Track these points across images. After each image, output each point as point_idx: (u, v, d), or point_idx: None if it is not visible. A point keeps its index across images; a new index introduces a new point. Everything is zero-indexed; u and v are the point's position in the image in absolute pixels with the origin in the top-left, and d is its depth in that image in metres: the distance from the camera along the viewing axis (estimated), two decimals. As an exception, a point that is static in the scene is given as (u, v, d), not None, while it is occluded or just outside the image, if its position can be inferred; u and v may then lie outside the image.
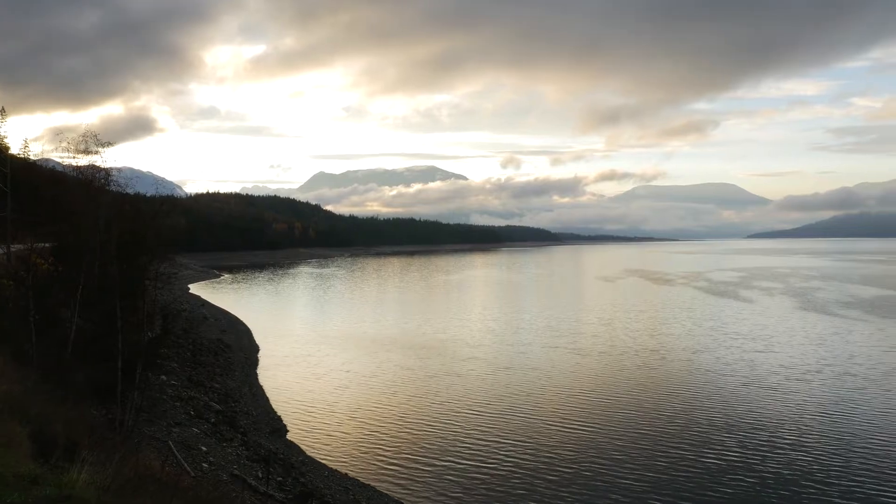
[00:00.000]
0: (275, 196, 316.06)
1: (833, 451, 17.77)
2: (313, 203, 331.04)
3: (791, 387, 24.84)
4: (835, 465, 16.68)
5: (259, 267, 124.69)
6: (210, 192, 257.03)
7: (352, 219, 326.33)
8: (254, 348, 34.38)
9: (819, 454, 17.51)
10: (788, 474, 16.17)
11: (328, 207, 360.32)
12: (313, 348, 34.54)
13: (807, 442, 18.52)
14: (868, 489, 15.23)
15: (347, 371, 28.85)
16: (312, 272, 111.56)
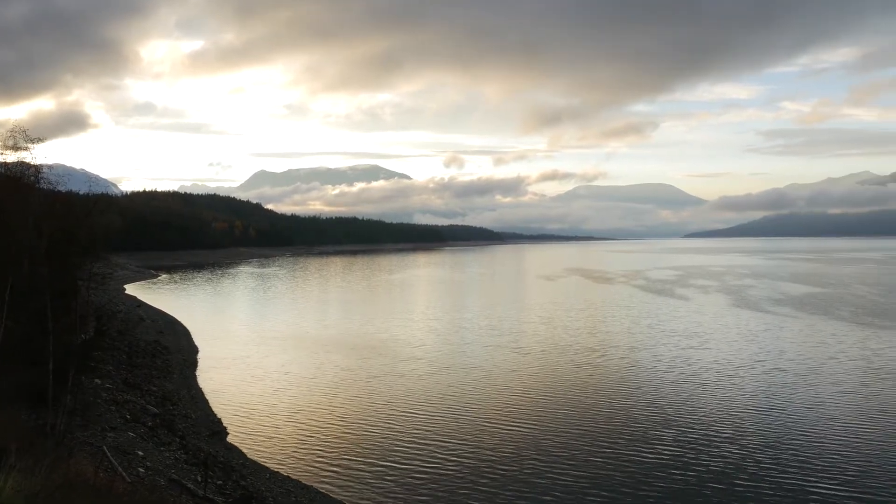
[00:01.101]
0: (214, 195, 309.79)
1: (764, 444, 18.36)
2: (254, 202, 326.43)
3: (725, 382, 25.56)
4: (766, 458, 17.24)
5: (198, 267, 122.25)
6: (147, 190, 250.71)
7: (294, 218, 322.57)
8: (193, 350, 33.70)
9: (751, 448, 18.08)
10: (722, 468, 16.66)
11: (269, 206, 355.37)
12: (254, 349, 34.06)
13: (739, 436, 19.10)
14: (797, 480, 15.79)
15: (288, 372, 28.53)
16: (253, 272, 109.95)
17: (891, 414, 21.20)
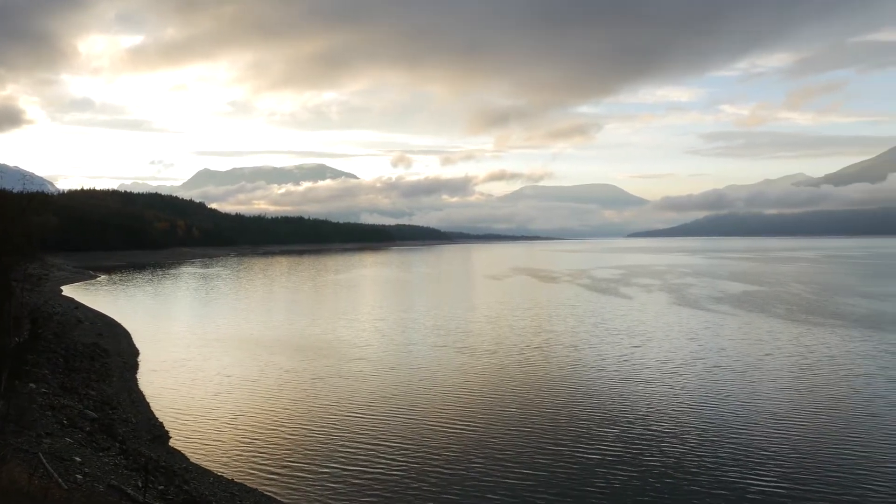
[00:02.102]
0: (156, 193, 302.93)
1: (704, 440, 18.84)
2: (197, 201, 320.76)
3: (666, 380, 26.12)
4: (706, 454, 17.70)
5: (139, 267, 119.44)
6: (85, 189, 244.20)
7: (238, 217, 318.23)
8: (133, 352, 32.93)
9: (692, 444, 18.54)
10: (663, 464, 17.03)
11: (213, 205, 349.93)
12: (196, 352, 33.46)
13: (681, 432, 19.55)
14: (736, 475, 16.24)
15: (232, 374, 28.11)
16: (196, 272, 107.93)
17: (823, 408, 21.97)
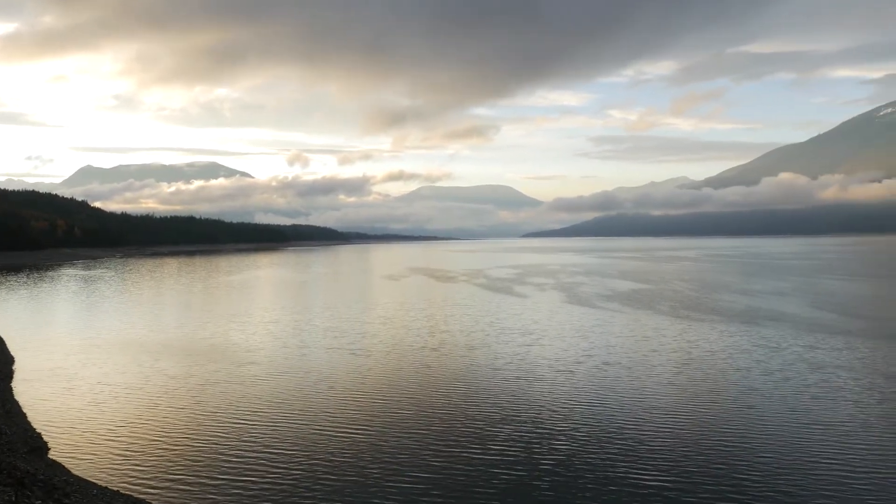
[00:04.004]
0: (33, 191, 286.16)
1: (593, 437, 19.28)
2: (80, 199, 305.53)
3: (558, 378, 26.67)
4: (595, 450, 18.10)
5: (13, 269, 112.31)
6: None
7: (125, 216, 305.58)
8: (7, 360, 30.80)
9: (582, 441, 18.93)
10: (555, 462, 17.30)
11: (97, 204, 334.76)
12: (76, 358, 31.68)
13: (571, 430, 19.96)
14: (623, 471, 16.65)
15: (115, 382, 26.72)
16: (77, 274, 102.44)
17: (704, 401, 22.95)
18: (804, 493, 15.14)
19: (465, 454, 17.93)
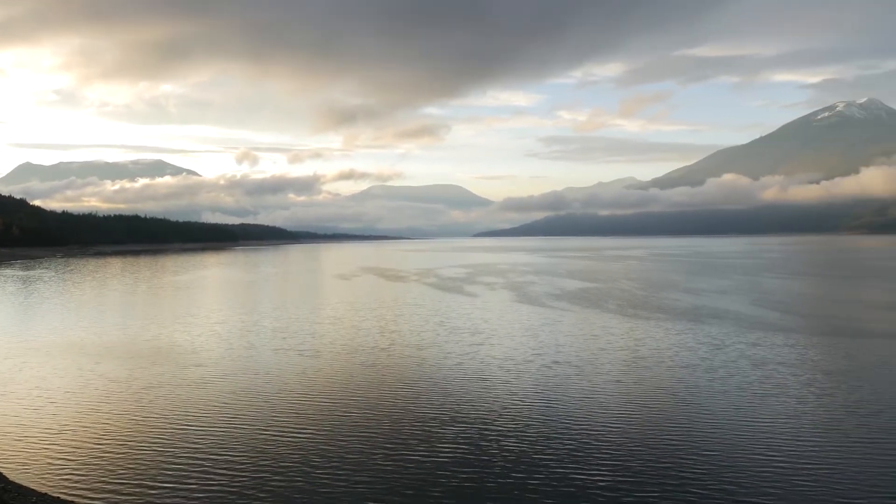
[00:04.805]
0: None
1: (542, 436, 19.36)
2: (18, 197, 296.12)
3: (507, 377, 26.74)
4: (544, 450, 18.17)
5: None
6: None
7: (66, 215, 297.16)
8: (-67, 366, 29.58)
9: (530, 440, 18.99)
10: (503, 462, 17.30)
11: (37, 202, 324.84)
12: (13, 362, 30.55)
13: (520, 429, 20.01)
14: (570, 469, 16.75)
15: (54, 386, 25.82)
16: (15, 275, 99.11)
17: (651, 398, 23.27)
18: (748, 487, 15.42)
19: (414, 455, 17.82)
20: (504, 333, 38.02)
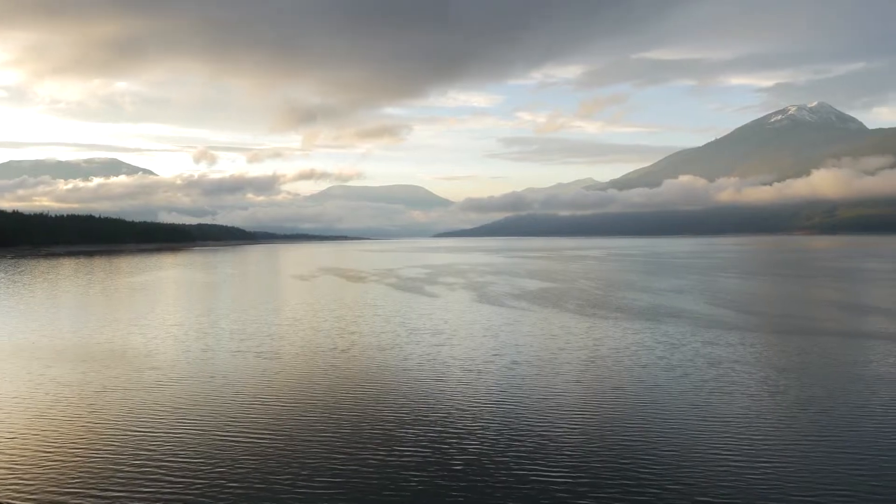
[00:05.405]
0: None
1: (502, 436, 19.38)
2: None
3: (467, 378, 26.72)
4: (504, 450, 18.19)
5: None
6: None
7: (16, 215, 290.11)
8: None
9: (491, 441, 19.00)
10: (464, 463, 17.27)
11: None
12: (-44, 367, 29.60)
13: (480, 430, 20.01)
14: (529, 470, 16.80)
15: (1, 391, 25.14)
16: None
17: (610, 397, 23.45)
18: (705, 484, 15.62)
19: (374, 458, 17.69)
20: (464, 334, 38.03)
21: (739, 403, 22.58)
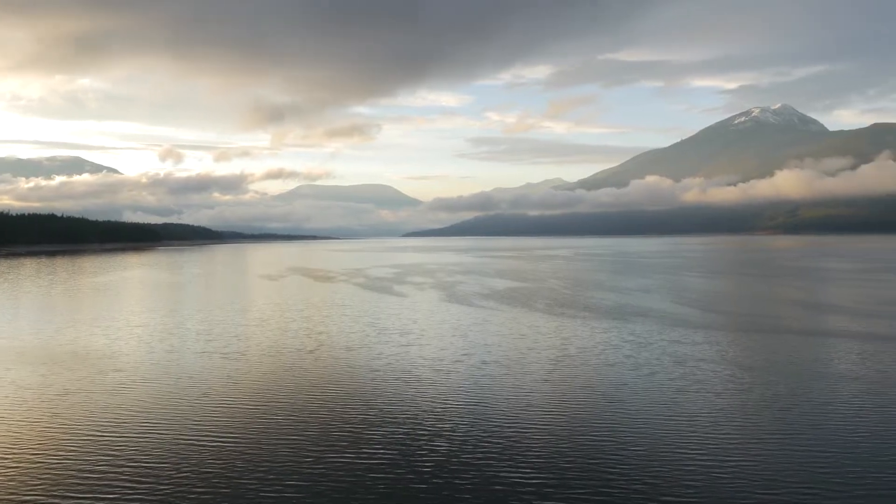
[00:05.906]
0: None
1: (471, 436, 19.38)
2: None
3: (436, 378, 26.70)
4: (473, 450, 18.19)
5: None
6: None
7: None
8: None
9: (459, 441, 18.99)
10: (432, 463, 17.24)
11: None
12: (-88, 370, 28.80)
13: (448, 430, 19.98)
14: (498, 470, 16.82)
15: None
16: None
17: (578, 396, 23.59)
18: (671, 481, 15.77)
19: (342, 458, 17.58)
20: (433, 334, 38.00)
21: (705, 402, 22.85)
